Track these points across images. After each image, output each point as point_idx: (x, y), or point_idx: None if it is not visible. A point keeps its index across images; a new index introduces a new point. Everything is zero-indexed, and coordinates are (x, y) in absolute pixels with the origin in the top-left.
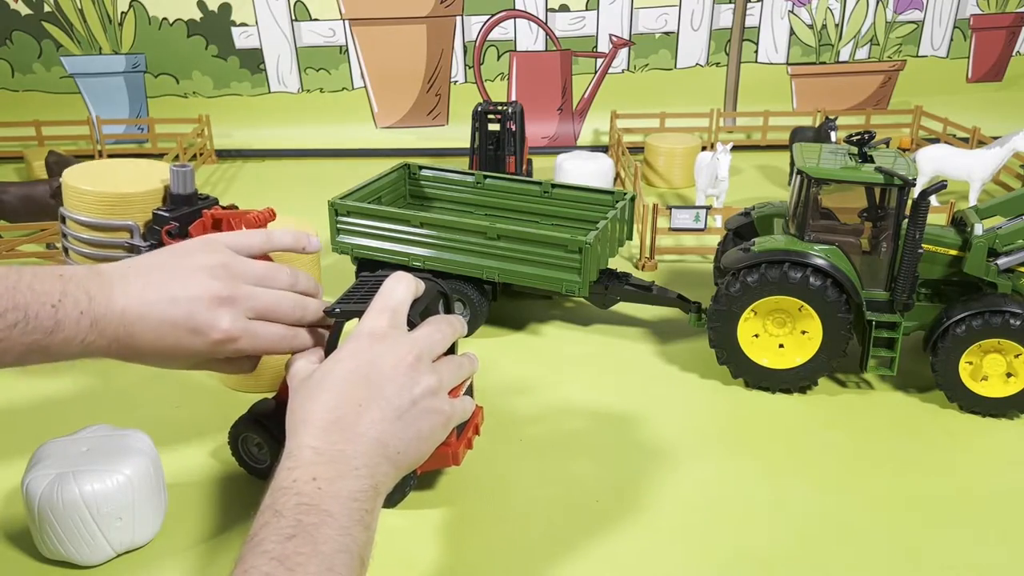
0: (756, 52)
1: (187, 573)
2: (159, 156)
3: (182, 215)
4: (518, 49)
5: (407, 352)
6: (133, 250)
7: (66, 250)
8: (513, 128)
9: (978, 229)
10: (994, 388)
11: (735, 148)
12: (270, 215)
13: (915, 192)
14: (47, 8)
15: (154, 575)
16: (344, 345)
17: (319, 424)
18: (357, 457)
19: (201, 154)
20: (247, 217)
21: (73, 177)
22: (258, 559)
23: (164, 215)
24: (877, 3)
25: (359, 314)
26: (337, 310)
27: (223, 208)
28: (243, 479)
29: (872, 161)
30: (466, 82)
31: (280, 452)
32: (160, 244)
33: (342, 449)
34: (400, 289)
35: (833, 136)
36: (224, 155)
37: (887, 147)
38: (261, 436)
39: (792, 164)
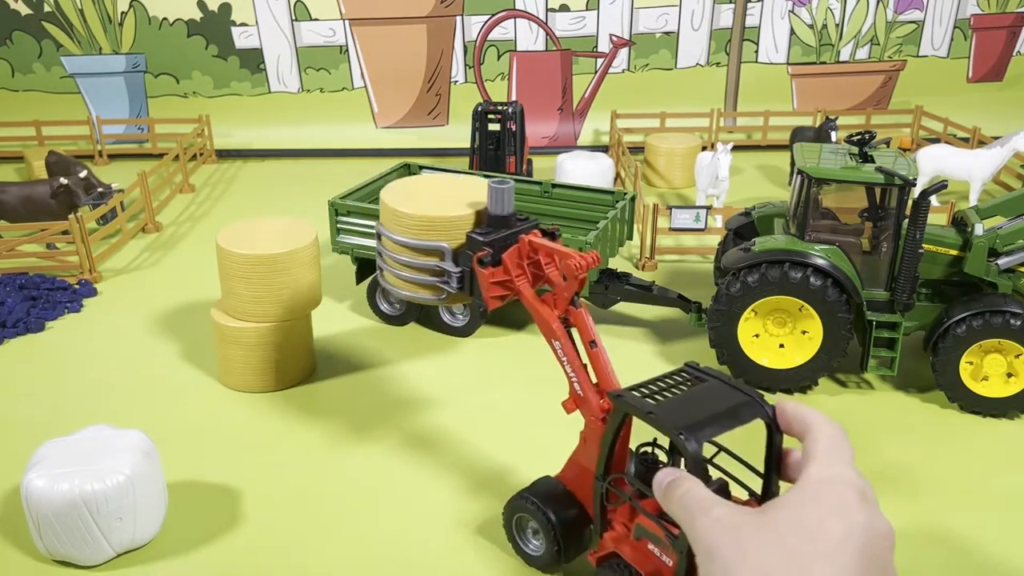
0: (756, 52)
1: (187, 573)
2: (159, 156)
3: (497, 239)
4: (518, 49)
5: (866, 520)
6: (442, 274)
7: (381, 270)
8: (513, 128)
9: (979, 229)
10: (994, 388)
11: (735, 148)
12: (594, 261)
13: (915, 192)
14: (47, 8)
15: (154, 575)
16: (819, 490)
17: None
18: None
19: (201, 154)
20: (568, 263)
21: (391, 196)
22: None
23: (478, 239)
24: (877, 3)
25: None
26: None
27: (543, 232)
28: (243, 479)
29: (872, 161)
30: (466, 82)
31: (558, 536)
32: (470, 271)
33: None
34: (846, 443)
35: (833, 136)
36: (224, 155)
37: (887, 147)
38: (538, 521)
39: (792, 164)
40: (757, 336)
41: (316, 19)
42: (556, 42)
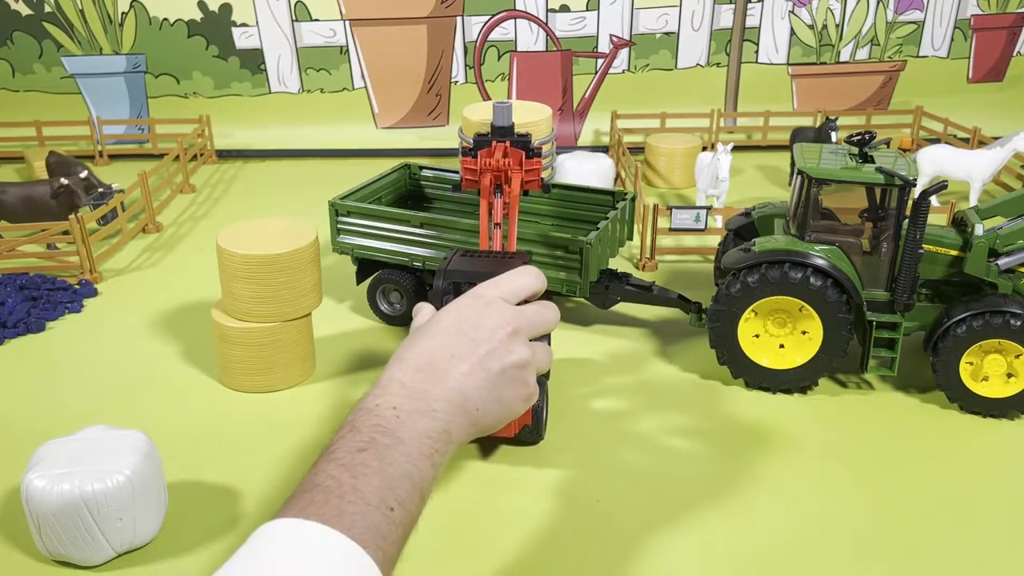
0: (756, 52)
1: (187, 573)
2: (159, 156)
3: (483, 139)
4: (518, 49)
5: (509, 321)
6: None
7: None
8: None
9: (979, 229)
10: (995, 388)
11: (735, 148)
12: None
13: (916, 192)
14: (48, 8)
15: (154, 575)
16: (456, 300)
17: (412, 364)
18: (437, 400)
19: (201, 154)
20: (513, 182)
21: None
22: (328, 465)
23: (471, 138)
24: (878, 3)
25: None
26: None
27: (531, 151)
28: (243, 479)
29: (873, 161)
30: (466, 82)
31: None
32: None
33: (426, 389)
34: (527, 279)
35: (834, 136)
36: (224, 155)
37: (888, 147)
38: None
39: (793, 164)
40: (757, 336)
41: (316, 19)
42: (556, 42)
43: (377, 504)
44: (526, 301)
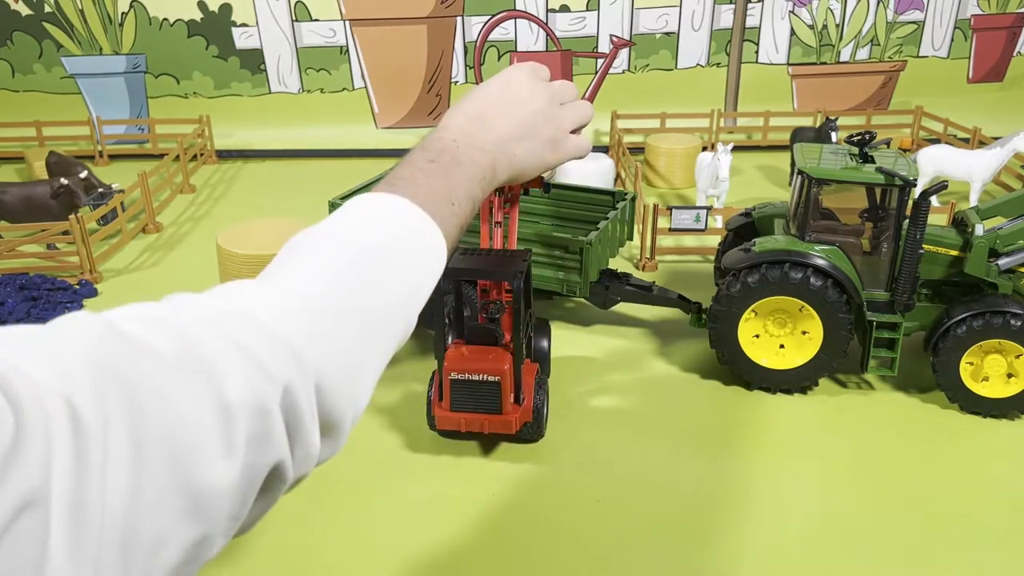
0: (757, 52)
1: None
2: (159, 156)
3: None
4: (519, 49)
5: (544, 92)
6: None
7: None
8: None
9: (979, 230)
10: (995, 388)
11: (736, 148)
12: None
13: (916, 192)
14: (48, 8)
15: None
16: (500, 74)
17: (468, 113)
18: (487, 142)
19: (201, 154)
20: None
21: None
22: (404, 169)
23: None
24: (878, 3)
25: None
26: None
27: None
28: None
29: (873, 161)
30: (466, 82)
31: None
32: None
33: (479, 131)
34: (572, 90)
35: (834, 136)
36: (224, 155)
37: (888, 147)
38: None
39: (793, 164)
40: (757, 336)
41: (316, 20)
42: (556, 43)
43: (444, 196)
44: None
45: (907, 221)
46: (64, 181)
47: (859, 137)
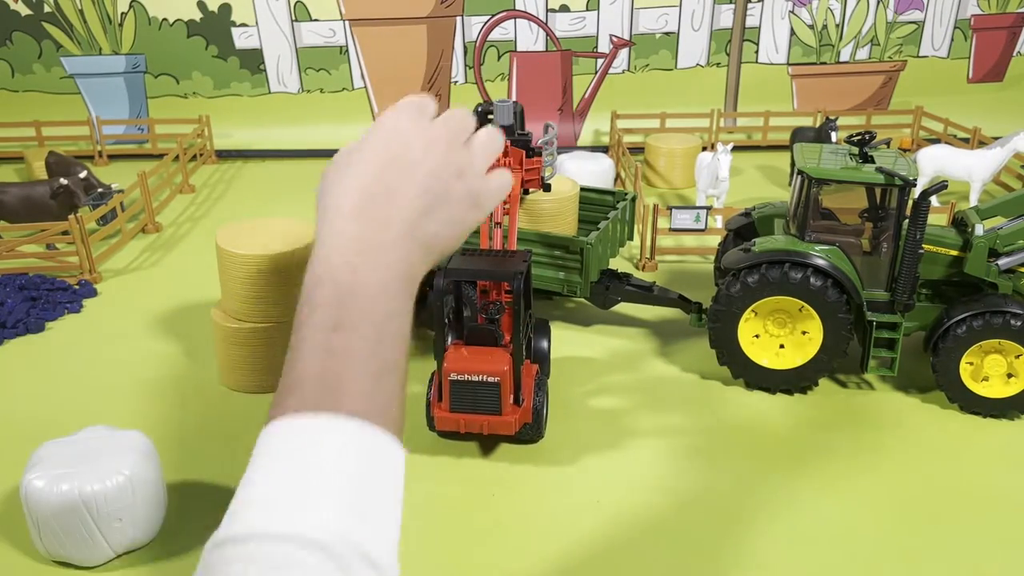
0: (756, 52)
1: (187, 573)
2: (159, 156)
3: None
4: (518, 49)
5: (439, 136)
6: None
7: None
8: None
9: (979, 229)
10: (995, 389)
11: (735, 148)
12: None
13: (916, 192)
14: (47, 8)
15: (154, 575)
16: (372, 129)
17: (346, 210)
18: (389, 244)
19: (201, 154)
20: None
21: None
22: (307, 357)
23: None
24: (878, 3)
25: None
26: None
27: (515, 144)
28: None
29: (873, 161)
30: (466, 82)
31: None
32: None
33: (370, 231)
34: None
35: (834, 136)
36: (224, 155)
37: (888, 147)
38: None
39: (793, 164)
40: (757, 336)
41: (316, 19)
42: (556, 42)
43: (369, 375)
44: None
45: (907, 221)
46: (64, 181)
47: (859, 137)
